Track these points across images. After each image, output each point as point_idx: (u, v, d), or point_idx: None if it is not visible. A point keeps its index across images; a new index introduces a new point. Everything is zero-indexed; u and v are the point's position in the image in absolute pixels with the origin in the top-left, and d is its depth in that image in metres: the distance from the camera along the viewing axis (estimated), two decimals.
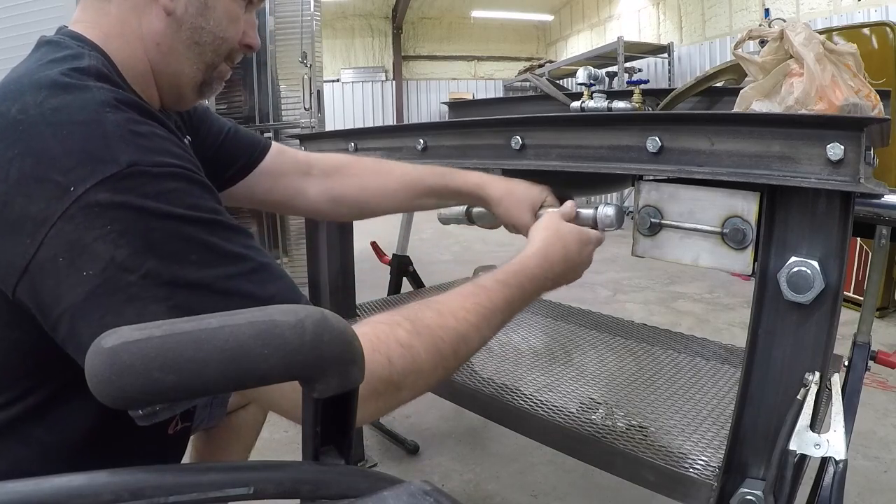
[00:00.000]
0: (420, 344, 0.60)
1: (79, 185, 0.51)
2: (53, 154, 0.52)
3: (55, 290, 0.51)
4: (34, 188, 0.51)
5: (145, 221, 0.51)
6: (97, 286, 0.50)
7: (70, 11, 0.72)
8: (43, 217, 0.50)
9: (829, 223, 0.67)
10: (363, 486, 0.38)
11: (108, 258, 0.50)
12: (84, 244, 0.50)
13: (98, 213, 0.50)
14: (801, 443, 0.67)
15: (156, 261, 0.51)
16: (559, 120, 0.90)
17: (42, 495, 0.31)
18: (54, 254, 0.50)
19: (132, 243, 0.50)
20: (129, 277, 0.50)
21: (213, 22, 0.69)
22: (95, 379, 0.33)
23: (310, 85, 3.65)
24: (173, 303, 0.51)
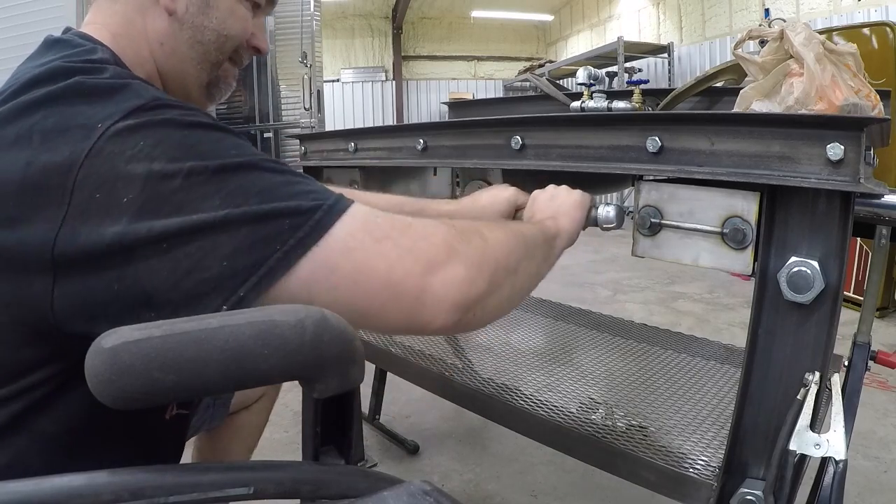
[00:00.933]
0: (496, 228, 0.61)
1: (105, 122, 0.50)
2: (79, 108, 0.51)
3: (97, 230, 0.48)
4: (58, 140, 0.50)
5: (176, 130, 0.51)
6: (140, 207, 0.47)
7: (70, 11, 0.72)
8: (70, 161, 0.48)
9: (829, 223, 0.67)
10: (363, 486, 0.38)
11: (145, 174, 0.48)
12: (118, 171, 0.48)
13: (126, 136, 0.49)
14: (801, 443, 0.67)
15: (195, 160, 0.49)
16: (559, 120, 0.90)
17: (42, 495, 0.31)
18: (90, 193, 0.48)
19: (167, 151, 0.49)
20: (173, 184, 0.48)
21: (215, 20, 0.69)
22: (95, 379, 0.33)
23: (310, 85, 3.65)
24: (226, 190, 0.49)
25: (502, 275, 0.59)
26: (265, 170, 0.52)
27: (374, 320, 0.52)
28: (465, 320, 0.54)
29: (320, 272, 0.49)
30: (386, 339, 1.55)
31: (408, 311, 0.52)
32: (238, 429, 1.19)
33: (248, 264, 0.48)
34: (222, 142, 0.52)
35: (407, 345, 1.50)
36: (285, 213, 0.49)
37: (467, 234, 0.56)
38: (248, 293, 0.48)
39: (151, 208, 0.48)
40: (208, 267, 0.47)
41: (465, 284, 0.53)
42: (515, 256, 0.62)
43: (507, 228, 0.65)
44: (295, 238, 0.49)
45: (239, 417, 1.17)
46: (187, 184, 0.48)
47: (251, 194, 0.49)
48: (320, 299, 0.49)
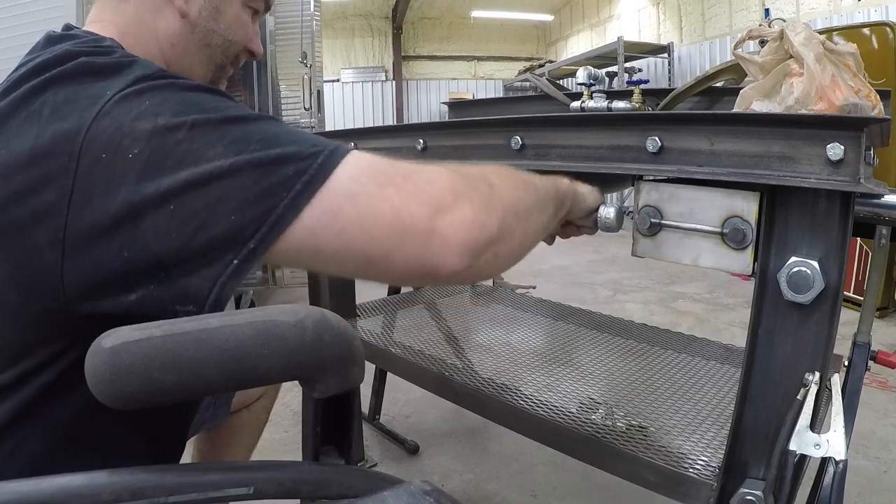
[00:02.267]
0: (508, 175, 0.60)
1: (113, 89, 0.51)
2: (88, 83, 0.53)
3: (107, 188, 0.48)
4: (67, 109, 0.51)
5: (180, 91, 0.52)
6: (146, 160, 0.48)
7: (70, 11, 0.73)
8: (77, 126, 0.49)
9: (829, 223, 0.67)
10: (363, 486, 0.38)
11: (150, 129, 0.49)
12: (124, 129, 0.49)
13: (133, 97, 0.50)
14: (801, 443, 0.67)
15: (199, 113, 0.50)
16: (559, 120, 0.90)
17: (42, 495, 0.31)
18: (97, 155, 0.49)
19: (172, 107, 0.50)
20: (178, 135, 0.49)
21: (223, 26, 0.73)
22: (95, 379, 0.33)
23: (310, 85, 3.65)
24: (230, 138, 0.49)
25: (512, 220, 0.57)
26: (267, 122, 0.53)
27: (382, 267, 0.51)
28: (476, 266, 0.53)
29: (325, 218, 0.48)
30: (386, 340, 1.55)
31: (416, 255, 0.50)
32: (238, 428, 1.19)
33: (256, 216, 0.48)
34: (225, 101, 0.53)
35: (407, 345, 1.50)
36: (288, 158, 0.49)
37: (474, 180, 0.55)
38: (258, 245, 0.48)
39: (157, 161, 0.48)
40: (216, 223, 0.47)
41: (474, 226, 0.52)
42: (525, 203, 0.61)
43: (517, 176, 0.63)
44: (300, 183, 0.48)
45: (239, 416, 1.17)
46: (191, 135, 0.49)
47: (253, 141, 0.49)
48: (327, 246, 0.49)
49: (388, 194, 0.50)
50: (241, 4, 0.75)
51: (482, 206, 0.53)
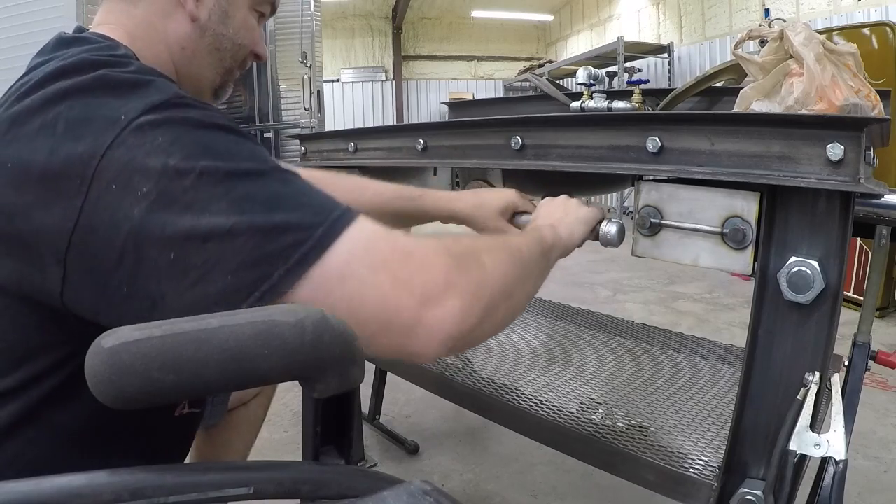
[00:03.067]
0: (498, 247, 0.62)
1: (129, 114, 0.51)
2: (103, 99, 0.53)
3: (113, 220, 0.49)
4: (82, 129, 0.51)
5: (195, 129, 0.52)
6: (153, 202, 0.48)
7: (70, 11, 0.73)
8: (92, 151, 0.50)
9: (829, 223, 0.67)
10: (363, 486, 0.38)
11: (160, 168, 0.49)
12: (136, 163, 0.49)
13: (148, 130, 0.50)
14: (801, 443, 0.67)
15: (209, 160, 0.50)
16: (559, 120, 0.90)
17: (42, 495, 0.31)
18: (107, 182, 0.49)
19: (183, 148, 0.50)
20: (185, 182, 0.49)
21: (232, 30, 0.73)
22: (95, 379, 0.33)
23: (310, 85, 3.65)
24: (234, 195, 0.50)
25: (499, 300, 0.58)
26: (274, 179, 0.52)
27: (364, 344, 0.50)
28: (456, 347, 0.54)
29: (317, 293, 0.49)
30: None
31: (399, 342, 0.51)
32: (236, 425, 1.19)
33: (251, 280, 0.48)
34: (238, 145, 0.53)
35: None
36: (289, 227, 0.49)
37: (466, 263, 0.56)
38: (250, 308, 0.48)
39: (164, 204, 0.48)
40: (214, 280, 0.48)
41: (459, 318, 0.52)
42: (513, 281, 0.62)
43: (507, 249, 0.64)
44: (298, 254, 0.49)
45: (237, 414, 1.17)
46: (198, 183, 0.49)
47: (257, 202, 0.50)
48: None
49: (379, 281, 0.50)
50: (248, 8, 0.75)
51: (471, 296, 0.54)
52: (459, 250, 0.56)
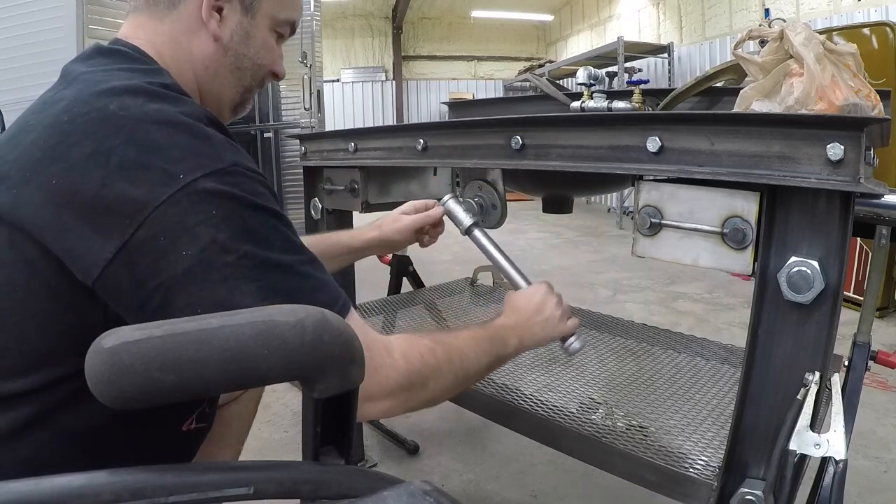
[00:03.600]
0: (441, 350, 0.70)
1: (187, 175, 0.55)
2: (160, 145, 0.57)
3: (152, 266, 0.54)
4: (138, 174, 0.55)
5: (244, 210, 0.58)
6: (195, 264, 0.54)
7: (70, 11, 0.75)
8: (146, 200, 0.54)
9: (829, 223, 0.67)
10: (363, 486, 0.38)
11: (208, 239, 0.55)
12: (187, 226, 0.54)
13: (203, 200, 0.55)
14: (801, 443, 0.67)
15: (251, 245, 0.57)
16: (559, 120, 0.90)
17: (42, 495, 0.31)
18: (154, 233, 0.54)
19: (231, 227, 0.56)
20: (227, 258, 0.55)
21: (252, 50, 0.77)
22: (95, 379, 0.33)
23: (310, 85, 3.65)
24: (263, 283, 0.56)
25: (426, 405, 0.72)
26: (296, 273, 0.60)
27: None
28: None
29: None
30: None
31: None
32: (228, 421, 1.19)
33: None
34: (275, 231, 0.60)
35: None
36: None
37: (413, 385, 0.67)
38: None
39: (202, 271, 0.54)
40: None
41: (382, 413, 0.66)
42: (446, 396, 0.75)
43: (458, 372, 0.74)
44: None
45: (228, 410, 1.17)
46: (238, 263, 0.56)
47: (279, 294, 0.57)
48: None
49: None
50: (268, 29, 0.78)
51: (403, 406, 0.67)
52: (416, 369, 0.67)
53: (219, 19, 0.73)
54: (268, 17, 0.77)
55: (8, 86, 3.05)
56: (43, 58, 2.98)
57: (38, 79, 3.31)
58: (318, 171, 1.46)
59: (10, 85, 3.06)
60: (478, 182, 1.12)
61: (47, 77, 0.74)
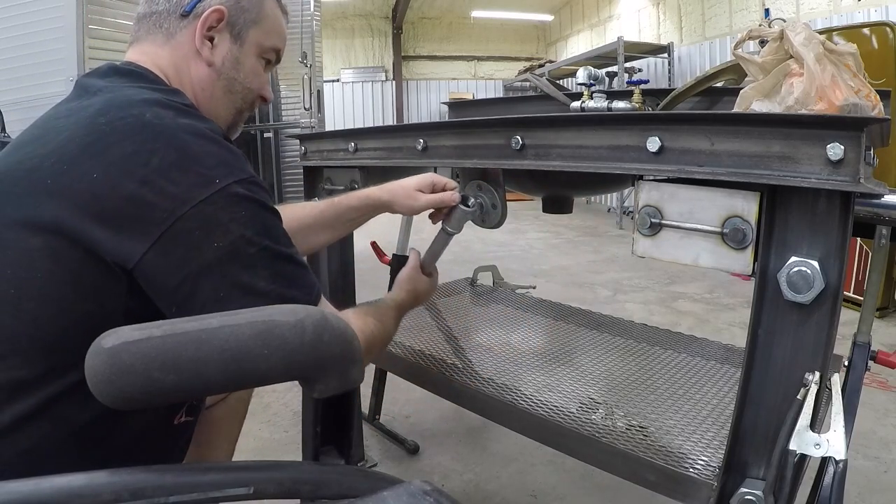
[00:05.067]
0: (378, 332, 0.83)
1: (222, 180, 0.65)
2: (196, 154, 0.66)
3: (185, 256, 0.63)
4: (178, 175, 0.64)
5: (262, 212, 0.69)
6: (225, 254, 0.64)
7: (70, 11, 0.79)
8: (185, 197, 0.63)
9: (829, 223, 0.67)
10: (363, 486, 0.38)
11: (238, 235, 0.65)
12: (220, 222, 0.64)
13: (235, 202, 0.66)
14: (801, 443, 0.67)
15: (269, 240, 0.68)
16: (559, 120, 0.90)
17: (42, 495, 0.31)
18: (191, 227, 0.63)
19: (255, 226, 0.67)
20: (250, 250, 0.66)
21: (242, 75, 0.85)
22: (95, 379, 0.33)
23: (310, 85, 3.65)
24: (275, 269, 0.67)
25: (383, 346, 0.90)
26: (291, 262, 0.71)
27: None
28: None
29: None
30: None
31: None
32: (217, 421, 1.19)
33: None
34: (279, 229, 0.71)
35: (407, 345, 1.50)
36: (299, 298, 0.68)
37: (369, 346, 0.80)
38: None
39: (231, 258, 0.64)
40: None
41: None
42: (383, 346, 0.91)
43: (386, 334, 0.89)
44: None
45: (217, 409, 1.17)
46: (260, 254, 0.67)
47: (283, 279, 0.68)
48: None
49: None
50: (256, 56, 0.86)
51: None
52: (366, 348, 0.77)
53: (211, 47, 0.81)
54: (255, 45, 0.85)
55: (8, 86, 3.05)
56: (43, 58, 2.98)
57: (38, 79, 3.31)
58: (319, 171, 1.46)
59: (9, 85, 3.06)
60: (478, 182, 1.12)
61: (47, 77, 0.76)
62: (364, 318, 0.83)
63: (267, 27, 0.86)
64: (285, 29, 0.92)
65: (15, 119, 2.93)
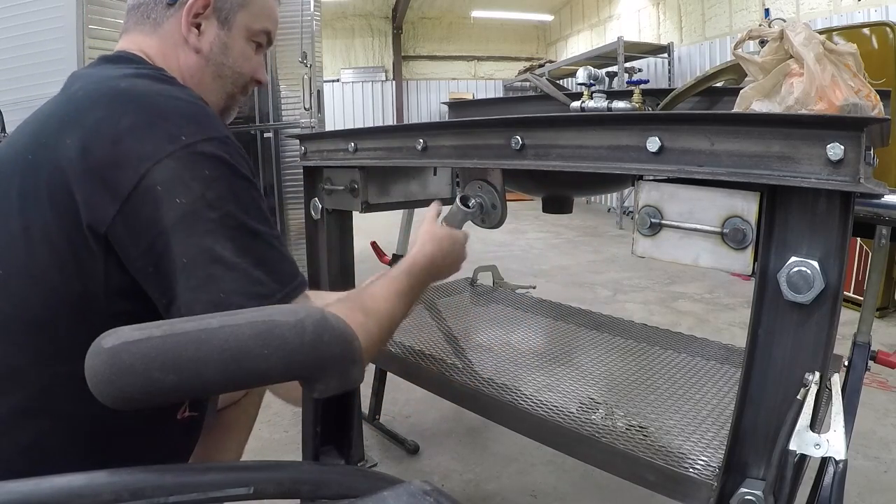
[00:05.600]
0: (373, 324, 0.76)
1: (189, 137, 0.64)
2: (166, 113, 0.65)
3: (153, 214, 0.61)
4: (146, 132, 0.63)
5: (232, 176, 0.65)
6: (187, 213, 0.62)
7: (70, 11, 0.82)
8: (151, 153, 0.62)
9: (829, 223, 0.67)
10: (363, 486, 0.38)
11: (199, 194, 0.62)
12: (183, 179, 0.62)
13: (200, 159, 0.63)
14: (801, 443, 0.67)
15: (233, 206, 0.64)
16: (559, 120, 0.90)
17: (42, 495, 0.31)
18: (154, 183, 0.62)
19: (219, 189, 0.64)
20: (211, 214, 0.62)
21: (231, 59, 0.85)
22: (95, 379, 0.33)
23: (310, 85, 3.65)
24: (239, 243, 0.64)
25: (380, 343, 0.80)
26: (263, 242, 0.67)
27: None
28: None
29: None
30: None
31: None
32: (228, 424, 1.19)
33: (236, 304, 0.61)
34: (254, 201, 0.68)
35: (407, 345, 1.50)
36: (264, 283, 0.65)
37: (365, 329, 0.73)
38: None
39: (191, 221, 0.62)
40: (209, 291, 0.61)
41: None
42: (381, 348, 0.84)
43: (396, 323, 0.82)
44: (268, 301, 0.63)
45: (229, 413, 1.17)
46: (221, 221, 0.63)
47: (251, 256, 0.65)
48: None
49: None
50: (245, 40, 0.85)
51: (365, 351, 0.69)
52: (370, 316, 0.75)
53: (197, 34, 0.81)
54: (243, 29, 0.84)
55: (8, 86, 3.05)
56: (43, 58, 2.98)
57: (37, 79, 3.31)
58: (318, 171, 1.46)
59: (9, 85, 3.06)
60: (478, 182, 1.12)
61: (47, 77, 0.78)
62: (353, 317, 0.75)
63: (255, 10, 0.85)
64: (276, 10, 0.91)
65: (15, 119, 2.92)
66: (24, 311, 0.64)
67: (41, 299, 0.64)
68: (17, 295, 0.64)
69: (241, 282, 0.63)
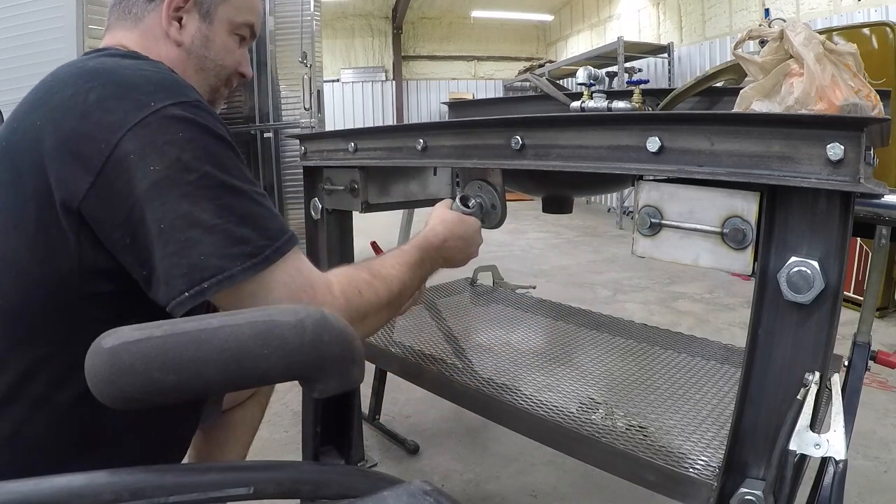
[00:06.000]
0: (379, 283, 0.75)
1: (157, 102, 0.62)
2: (134, 83, 0.65)
3: (127, 184, 0.60)
4: (114, 104, 0.62)
5: (206, 136, 0.64)
6: (162, 178, 0.60)
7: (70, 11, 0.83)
8: (120, 123, 0.61)
9: (829, 223, 0.67)
10: (363, 486, 0.38)
11: (174, 158, 0.61)
12: (155, 145, 0.61)
13: (171, 123, 0.62)
14: (801, 443, 0.67)
15: (210, 167, 0.63)
16: (559, 120, 0.90)
17: (42, 495, 0.31)
18: (126, 152, 0.60)
19: (195, 150, 0.62)
20: (189, 177, 0.61)
21: (213, 52, 0.84)
22: (95, 379, 0.33)
23: (310, 85, 3.65)
24: (221, 202, 0.62)
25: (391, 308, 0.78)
26: (248, 198, 0.66)
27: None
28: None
29: (257, 291, 0.64)
30: (386, 339, 1.55)
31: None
32: (233, 426, 1.19)
33: (215, 267, 0.61)
34: (232, 161, 0.66)
35: (407, 345, 1.50)
36: (250, 241, 0.63)
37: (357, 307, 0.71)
38: (210, 286, 0.61)
39: (167, 186, 0.60)
40: (189, 255, 0.60)
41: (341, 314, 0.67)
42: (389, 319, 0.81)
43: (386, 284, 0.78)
44: (250, 262, 0.62)
45: (233, 414, 1.17)
46: (199, 182, 0.61)
47: (234, 214, 0.63)
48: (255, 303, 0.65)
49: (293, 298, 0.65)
50: (227, 32, 0.85)
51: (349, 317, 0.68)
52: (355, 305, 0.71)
53: (179, 27, 0.81)
54: (225, 22, 0.84)
55: (8, 86, 3.05)
56: (43, 58, 2.98)
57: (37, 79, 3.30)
58: (318, 171, 1.46)
59: (9, 85, 3.06)
60: (478, 182, 1.12)
61: None
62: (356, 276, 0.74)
63: (237, 3, 0.85)
64: (258, 4, 0.91)
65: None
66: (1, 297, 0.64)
67: (15, 282, 0.64)
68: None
69: (221, 243, 0.61)
